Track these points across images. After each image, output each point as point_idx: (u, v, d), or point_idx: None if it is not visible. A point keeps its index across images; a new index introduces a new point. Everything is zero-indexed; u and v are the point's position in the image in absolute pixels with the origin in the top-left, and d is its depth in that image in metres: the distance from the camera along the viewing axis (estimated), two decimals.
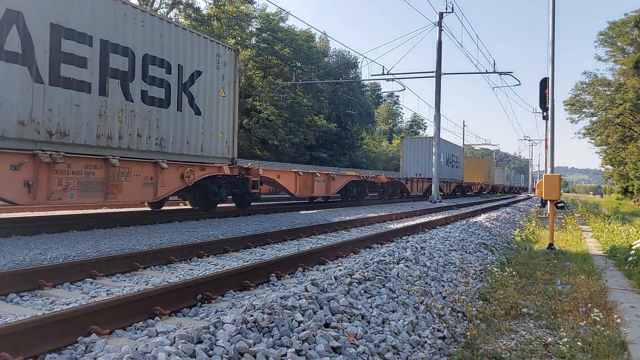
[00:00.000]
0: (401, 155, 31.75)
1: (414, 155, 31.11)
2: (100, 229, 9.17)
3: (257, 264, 5.32)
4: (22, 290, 4.47)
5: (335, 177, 19.31)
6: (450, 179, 35.27)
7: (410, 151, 31.34)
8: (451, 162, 35.35)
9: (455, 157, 36.96)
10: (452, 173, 35.83)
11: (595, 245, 9.83)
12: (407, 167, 31.10)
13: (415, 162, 30.88)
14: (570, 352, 3.54)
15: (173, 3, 34.65)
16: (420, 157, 30.85)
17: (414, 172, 30.55)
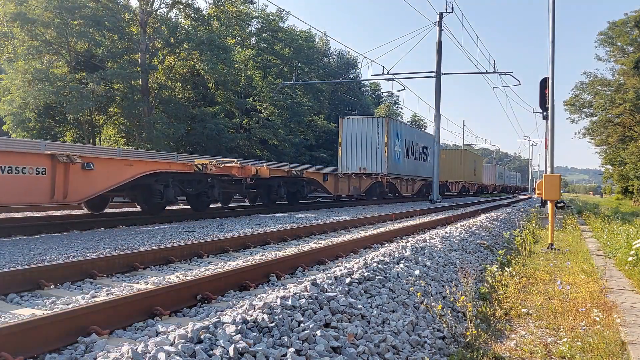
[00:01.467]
0: (340, 143, 23.59)
1: (358, 143, 23.30)
2: (100, 229, 9.17)
3: (257, 264, 5.32)
4: (22, 290, 4.47)
5: None
6: (414, 176, 28.17)
7: (352, 137, 23.45)
8: (415, 153, 28.13)
9: (423, 148, 29.89)
10: (417, 168, 28.71)
11: (595, 245, 9.83)
12: (347, 159, 23.27)
13: (358, 153, 23.29)
14: (570, 352, 3.54)
15: (173, 3, 34.64)
16: (366, 145, 23.14)
17: (357, 166, 22.92)
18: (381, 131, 22.86)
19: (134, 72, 31.01)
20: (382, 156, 22.76)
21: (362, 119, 23.68)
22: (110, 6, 31.23)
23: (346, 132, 23.57)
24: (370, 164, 22.89)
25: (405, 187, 27.43)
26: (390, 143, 23.19)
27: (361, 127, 23.31)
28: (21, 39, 28.51)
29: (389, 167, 23.08)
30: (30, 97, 27.10)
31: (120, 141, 36.20)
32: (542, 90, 12.24)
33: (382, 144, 22.85)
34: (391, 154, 23.33)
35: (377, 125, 23.06)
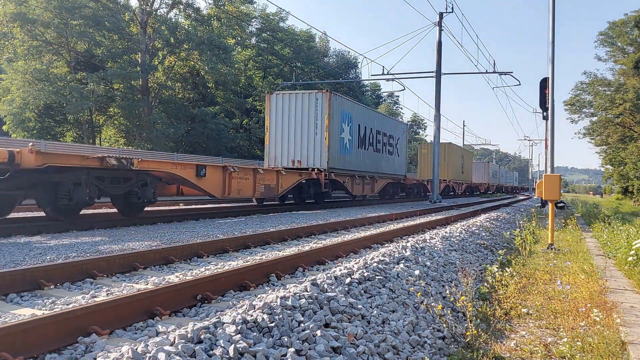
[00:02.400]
0: (266, 127, 18.22)
1: (291, 127, 17.91)
2: (100, 229, 9.17)
3: (257, 264, 5.32)
4: (22, 290, 4.46)
5: None
6: (374, 172, 22.39)
7: (284, 119, 17.97)
8: (376, 143, 22.50)
9: (388, 138, 24.26)
10: (379, 162, 23.05)
11: (595, 245, 9.83)
12: (277, 149, 17.99)
13: (291, 140, 17.85)
14: (570, 352, 3.54)
15: (173, 3, 34.65)
16: (301, 131, 17.73)
17: (289, 158, 17.84)
18: (320, 111, 17.47)
19: (134, 72, 31.02)
20: (322, 145, 17.48)
21: (296, 94, 17.99)
22: (110, 6, 31.24)
23: (275, 112, 17.93)
24: (307, 155, 17.54)
25: (359, 186, 21.01)
26: (334, 127, 17.91)
27: (294, 106, 17.70)
28: (21, 39, 28.52)
29: (332, 160, 17.86)
30: (30, 97, 27.10)
31: (121, 141, 36.22)
32: (542, 90, 12.23)
33: (321, 129, 17.61)
34: (335, 142, 18.11)
35: (316, 104, 17.52)
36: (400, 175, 26.82)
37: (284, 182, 15.50)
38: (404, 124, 28.39)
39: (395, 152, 25.74)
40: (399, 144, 26.36)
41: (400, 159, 26.63)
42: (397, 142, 26.00)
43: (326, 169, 17.51)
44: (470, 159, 44.60)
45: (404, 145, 27.35)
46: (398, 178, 26.47)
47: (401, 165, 26.87)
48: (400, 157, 26.64)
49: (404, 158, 27.45)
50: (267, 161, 18.13)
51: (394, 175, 25.68)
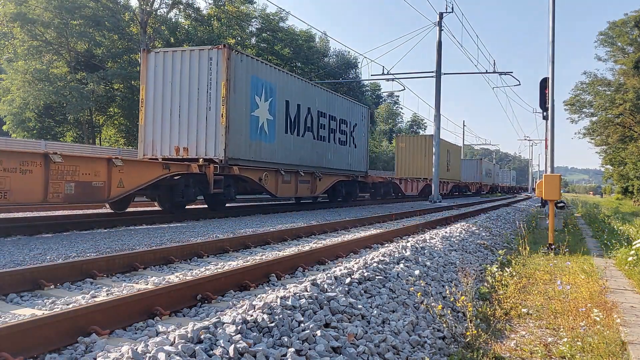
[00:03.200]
0: (141, 100, 13.01)
1: (175, 101, 12.66)
2: (100, 229, 9.17)
3: (257, 264, 5.32)
4: (22, 290, 4.46)
5: None
6: (316, 167, 17.12)
7: (165, 89, 12.73)
8: (319, 128, 17.53)
9: (339, 122, 19.18)
10: (324, 155, 17.93)
11: (595, 245, 9.83)
12: (157, 132, 12.86)
13: (174, 120, 12.65)
14: (570, 352, 3.54)
15: (173, 3, 34.66)
16: (188, 105, 12.58)
17: (171, 146, 12.64)
18: (215, 77, 12.20)
19: (134, 72, 31.03)
20: (217, 126, 12.19)
21: (182, 52, 12.65)
22: (110, 6, 31.25)
23: (154, 78, 12.67)
24: (197, 140, 12.35)
25: (289, 185, 15.45)
26: (239, 101, 12.63)
27: (181, 70, 12.48)
28: (21, 39, 28.53)
29: (235, 148, 12.54)
30: (30, 97, 27.11)
31: (121, 141, 36.21)
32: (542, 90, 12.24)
33: (216, 102, 12.24)
34: (241, 122, 12.82)
35: (209, 66, 12.26)
36: (357, 172, 20.96)
37: (129, 178, 9.69)
38: (364, 107, 21.94)
39: (349, 142, 20.22)
40: (356, 132, 20.81)
41: (359, 151, 21.09)
42: (353, 130, 20.52)
43: (223, 159, 12.10)
44: (457, 155, 39.35)
45: (364, 134, 21.83)
46: (354, 175, 20.58)
47: (359, 159, 21.29)
48: (359, 148, 21.10)
49: (364, 150, 21.84)
50: (142, 149, 12.83)
51: (348, 171, 20.14)
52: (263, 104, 14.05)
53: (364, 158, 21.91)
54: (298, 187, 16.06)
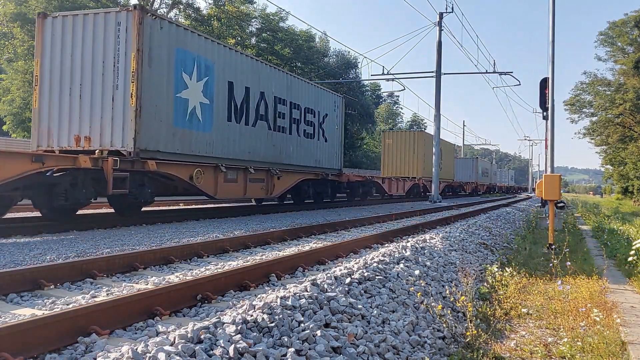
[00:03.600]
0: (35, 78, 10.57)
1: (75, 76, 10.25)
2: (100, 229, 9.17)
3: (257, 264, 5.32)
4: (22, 290, 4.46)
5: None
6: (273, 163, 14.61)
7: (63, 63, 10.34)
8: (277, 117, 14.90)
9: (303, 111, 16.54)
10: (285, 149, 15.42)
11: (595, 245, 9.83)
12: (53, 115, 10.38)
13: (75, 101, 10.20)
14: (570, 352, 3.54)
15: (173, 3, 34.66)
16: (95, 82, 10.13)
17: (71, 134, 10.23)
18: (125, 47, 10.00)
19: None
20: (126, 108, 9.90)
21: (84, 16, 10.38)
22: (110, 6, 31.24)
23: (51, 49, 10.46)
24: (101, 127, 10.04)
25: (235, 185, 12.90)
26: (157, 78, 10.35)
27: (82, 39, 10.23)
28: (21, 39, 28.51)
29: (150, 136, 10.18)
30: (31, 97, 27.11)
31: None
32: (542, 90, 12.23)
33: (124, 79, 9.97)
34: (162, 105, 10.46)
35: (117, 33, 10.05)
36: (328, 170, 18.13)
37: None
38: (337, 95, 19.01)
39: (318, 135, 17.28)
40: (326, 123, 17.92)
41: (330, 145, 18.22)
42: (322, 121, 17.62)
43: (132, 151, 9.74)
44: (450, 153, 36.78)
45: (338, 126, 18.96)
46: (324, 173, 17.77)
47: (331, 155, 18.37)
48: (330, 142, 18.22)
49: (338, 145, 19.02)
50: (37, 138, 10.43)
51: (317, 168, 17.30)
52: (195, 84, 11.37)
53: (337, 154, 19.02)
54: (248, 186, 13.31)
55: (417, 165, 28.67)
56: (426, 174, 29.25)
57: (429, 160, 28.41)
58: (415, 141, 29.24)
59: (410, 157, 29.13)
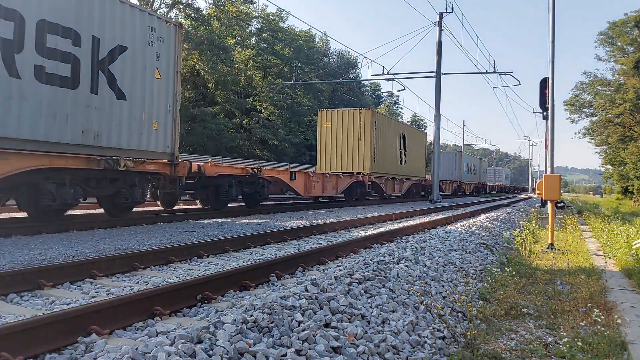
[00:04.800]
0: None
1: None
2: (100, 229, 9.17)
3: (257, 264, 5.32)
4: (22, 290, 4.47)
5: None
6: None
7: None
8: None
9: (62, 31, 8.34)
10: None
11: (595, 245, 9.83)
12: None
13: None
14: (571, 352, 3.54)
15: (173, 3, 34.66)
16: None
17: None
18: None
19: None
20: None
21: None
22: None
23: None
24: None
25: None
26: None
27: None
28: None
29: None
30: None
31: None
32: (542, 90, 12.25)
33: None
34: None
35: None
36: (142, 154, 10.16)
37: None
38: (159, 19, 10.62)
39: (111, 86, 9.40)
40: (133, 62, 9.85)
41: (133, 106, 9.89)
42: (121, 57, 9.56)
43: None
44: (421, 144, 29.98)
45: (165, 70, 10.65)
46: (111, 160, 9.26)
47: (138, 125, 10.01)
48: (133, 100, 9.87)
49: (164, 106, 10.57)
50: None
51: (100, 151, 9.21)
52: None
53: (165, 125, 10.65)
54: None
55: (370, 158, 20.86)
56: (385, 170, 22.67)
57: (388, 151, 23.01)
58: (360, 123, 20.82)
59: (357, 147, 20.98)
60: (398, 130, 25.29)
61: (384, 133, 22.58)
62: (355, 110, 21.51)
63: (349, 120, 21.21)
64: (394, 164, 24.26)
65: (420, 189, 31.11)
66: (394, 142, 24.30)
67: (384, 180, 22.99)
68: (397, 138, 24.82)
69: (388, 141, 23.18)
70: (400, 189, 25.71)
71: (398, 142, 25.04)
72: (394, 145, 24.37)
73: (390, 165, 23.57)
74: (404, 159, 25.84)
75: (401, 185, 25.82)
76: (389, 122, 24.41)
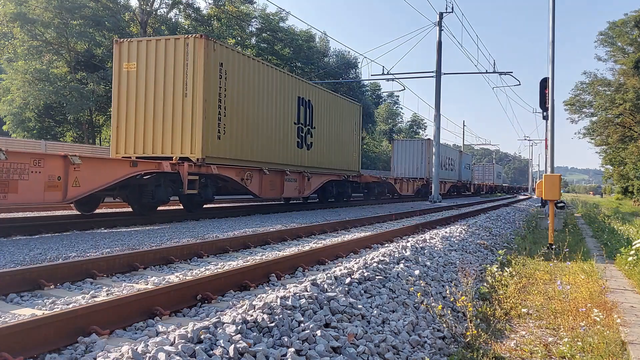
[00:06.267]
0: None
1: None
2: (100, 229, 9.17)
3: (257, 264, 5.32)
4: (22, 290, 4.46)
5: None
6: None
7: None
8: None
9: None
10: None
11: (595, 245, 9.83)
12: None
13: None
14: (571, 352, 3.54)
15: (173, 3, 34.64)
16: None
17: None
18: None
19: None
20: None
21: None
22: (110, 6, 31.24)
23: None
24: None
25: None
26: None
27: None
28: (21, 39, 28.52)
29: None
30: (30, 97, 27.11)
31: None
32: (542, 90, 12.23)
33: None
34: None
35: None
36: None
37: None
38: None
39: None
40: None
41: None
42: None
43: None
44: (350, 119, 19.76)
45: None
46: None
47: None
48: None
49: None
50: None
51: None
52: None
53: None
54: None
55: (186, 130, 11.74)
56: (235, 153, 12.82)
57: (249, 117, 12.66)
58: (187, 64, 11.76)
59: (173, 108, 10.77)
60: (292, 90, 15.17)
61: (249, 88, 13.21)
62: (175, 40, 12.13)
63: (166, 60, 12.02)
64: (281, 146, 14.68)
65: (347, 189, 19.79)
66: (280, 108, 14.57)
67: (251, 174, 13.14)
68: (289, 103, 15.05)
69: (263, 105, 13.73)
70: (300, 188, 15.57)
71: (292, 110, 15.17)
72: (282, 114, 14.68)
73: (270, 149, 14.16)
74: (307, 141, 16.05)
75: (302, 183, 15.61)
76: (266, 71, 14.19)
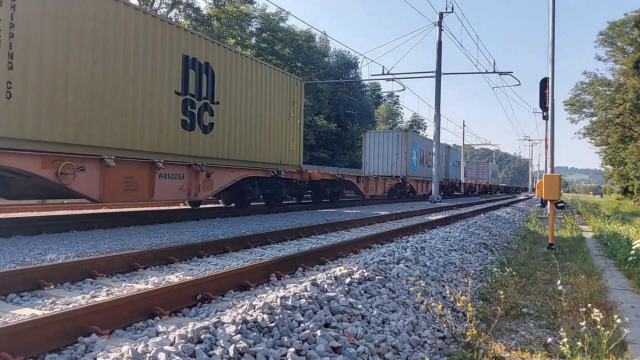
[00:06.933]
0: None
1: None
2: (100, 229, 9.17)
3: (257, 264, 5.32)
4: (22, 290, 4.47)
5: None
6: None
7: None
8: None
9: None
10: None
11: (595, 245, 9.83)
12: None
13: None
14: (570, 352, 3.54)
15: (173, 3, 34.65)
16: None
17: None
18: None
19: None
20: None
21: None
22: None
23: None
24: None
25: None
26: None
27: None
28: None
29: None
30: None
31: None
32: (542, 90, 12.23)
33: None
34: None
35: None
36: None
37: None
38: None
39: None
40: None
41: None
42: None
43: None
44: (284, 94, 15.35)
45: None
46: None
47: None
48: None
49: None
50: None
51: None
52: None
53: None
54: None
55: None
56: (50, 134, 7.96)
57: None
58: None
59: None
60: (172, 45, 10.68)
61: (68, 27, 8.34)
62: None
63: None
64: (149, 125, 10.13)
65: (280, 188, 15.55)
66: (146, 68, 10.01)
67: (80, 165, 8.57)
68: (165, 63, 10.50)
69: (105, 55, 9.06)
70: (189, 187, 11.15)
71: (171, 74, 10.69)
72: (151, 77, 10.13)
73: (124, 126, 9.54)
74: (202, 121, 11.66)
75: (193, 181, 11.22)
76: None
